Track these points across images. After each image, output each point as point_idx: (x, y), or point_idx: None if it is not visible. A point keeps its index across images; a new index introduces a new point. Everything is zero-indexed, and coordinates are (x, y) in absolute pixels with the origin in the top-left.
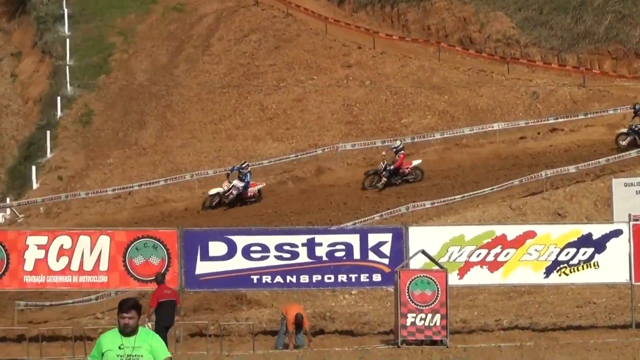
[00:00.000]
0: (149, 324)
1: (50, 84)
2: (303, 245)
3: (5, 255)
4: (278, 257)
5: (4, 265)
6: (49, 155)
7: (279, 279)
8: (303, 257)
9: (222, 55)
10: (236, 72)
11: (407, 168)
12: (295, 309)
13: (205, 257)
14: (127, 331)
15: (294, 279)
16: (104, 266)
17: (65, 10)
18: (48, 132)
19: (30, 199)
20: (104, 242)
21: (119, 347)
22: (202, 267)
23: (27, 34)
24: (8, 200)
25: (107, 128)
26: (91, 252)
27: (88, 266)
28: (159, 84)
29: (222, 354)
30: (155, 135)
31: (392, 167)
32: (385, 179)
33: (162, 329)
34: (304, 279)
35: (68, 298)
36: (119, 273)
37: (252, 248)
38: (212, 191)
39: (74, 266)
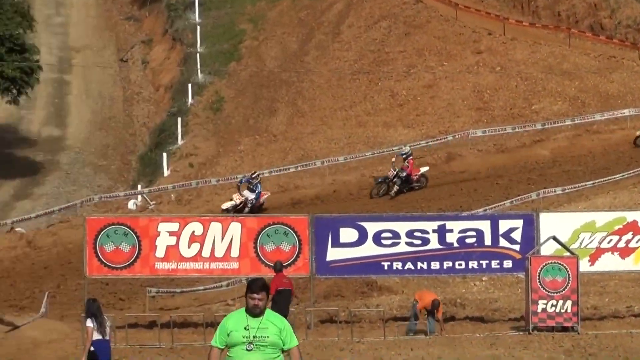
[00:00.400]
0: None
1: (181, 71)
2: (434, 231)
3: (137, 242)
4: (409, 244)
5: (136, 252)
6: (179, 142)
7: (409, 265)
8: (434, 244)
9: (352, 42)
10: (366, 58)
11: (415, 175)
12: (429, 295)
13: (336, 243)
14: (256, 312)
15: (424, 266)
16: (235, 253)
17: None
18: (179, 119)
19: (161, 185)
20: (235, 228)
21: (245, 328)
22: (333, 254)
23: (158, 22)
24: (139, 187)
25: (238, 115)
26: (222, 238)
27: (219, 253)
28: (289, 71)
29: (352, 340)
30: (286, 122)
31: (404, 174)
32: (397, 187)
33: None
34: (435, 265)
35: (199, 285)
36: (249, 259)
37: (383, 234)
38: (225, 205)
39: (205, 253)
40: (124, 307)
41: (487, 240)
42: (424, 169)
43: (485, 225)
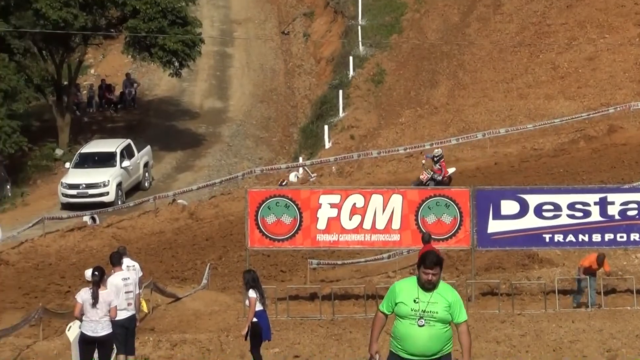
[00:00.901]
0: None
1: (342, 43)
2: (595, 203)
3: (298, 214)
4: (570, 216)
5: (297, 224)
6: (341, 114)
7: (570, 237)
8: (595, 216)
9: (513, 14)
10: (527, 31)
11: (446, 177)
12: (593, 254)
13: (497, 215)
14: (429, 287)
15: (586, 238)
16: (396, 225)
17: None
18: (340, 92)
19: (323, 158)
20: (396, 200)
21: (414, 301)
22: (494, 226)
23: None
24: (301, 159)
25: (399, 87)
26: (383, 210)
27: (380, 225)
28: (450, 43)
29: (513, 313)
30: (447, 94)
31: (440, 177)
32: None
33: None
34: (596, 237)
35: (360, 257)
36: (411, 231)
37: (544, 207)
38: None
39: (367, 225)
40: (285, 279)
41: None
42: (451, 170)
43: None
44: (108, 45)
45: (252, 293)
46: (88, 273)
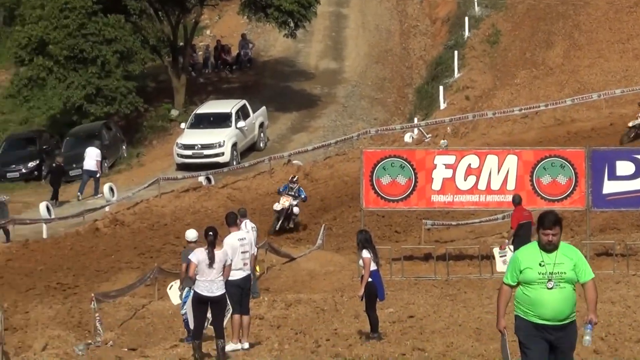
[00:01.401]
0: (510, 247)
1: (457, 4)
2: None
3: (413, 175)
4: None
5: (412, 185)
6: (456, 75)
7: None
8: None
9: None
10: None
11: None
12: None
13: (613, 176)
14: (550, 248)
15: None
16: (511, 185)
17: None
18: (455, 53)
19: (438, 118)
20: (511, 161)
21: (540, 264)
22: (609, 187)
23: None
24: (416, 120)
25: (514, 48)
26: (498, 171)
27: (495, 185)
28: (566, 4)
29: (628, 273)
30: (562, 55)
31: None
32: None
33: None
34: None
35: (474, 217)
36: (526, 192)
37: None
38: (276, 207)
39: (481, 185)
40: (399, 240)
41: None
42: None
43: None
44: (224, 6)
45: (365, 253)
46: (190, 234)
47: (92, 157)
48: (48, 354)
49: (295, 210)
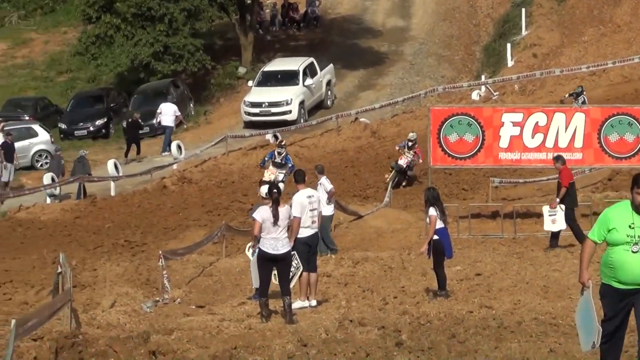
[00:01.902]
0: (561, 206)
1: None
2: None
3: (480, 132)
4: None
5: (480, 142)
6: (523, 32)
7: None
8: None
9: None
10: None
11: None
12: None
13: None
14: None
15: None
16: (578, 143)
17: None
18: (523, 10)
19: (505, 76)
20: (579, 119)
21: (629, 226)
22: None
23: None
24: (483, 77)
25: (582, 5)
26: (566, 129)
27: (563, 143)
28: None
29: None
30: (630, 12)
31: (418, 160)
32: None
33: (571, 211)
34: None
35: (542, 175)
36: (593, 150)
37: None
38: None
39: (549, 143)
40: (466, 197)
41: None
42: (412, 136)
43: None
44: None
45: (432, 211)
46: (264, 189)
47: (169, 113)
48: (116, 311)
49: (281, 186)
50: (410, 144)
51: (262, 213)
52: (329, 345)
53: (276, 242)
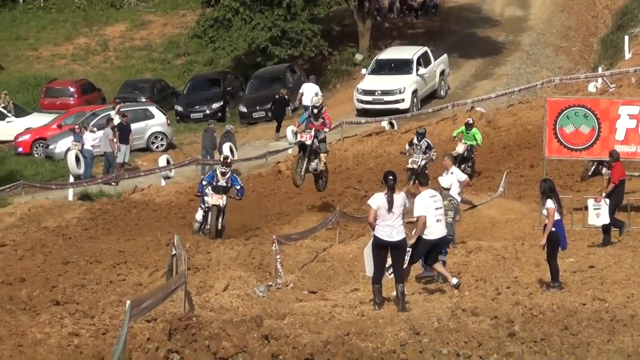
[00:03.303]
0: (606, 200)
1: None
2: None
3: (596, 124)
4: None
5: (595, 134)
6: None
7: None
8: None
9: None
10: None
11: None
12: None
13: None
14: None
15: None
16: None
17: None
18: None
19: (622, 69)
20: None
21: None
22: None
23: None
24: (600, 69)
25: None
26: None
27: None
28: None
29: None
30: None
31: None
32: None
33: (614, 207)
34: None
35: None
36: None
37: None
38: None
39: None
40: (581, 189)
41: None
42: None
43: None
44: None
45: (550, 203)
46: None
47: (310, 94)
48: (229, 295)
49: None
50: (315, 111)
51: (377, 200)
52: (441, 334)
53: (391, 230)
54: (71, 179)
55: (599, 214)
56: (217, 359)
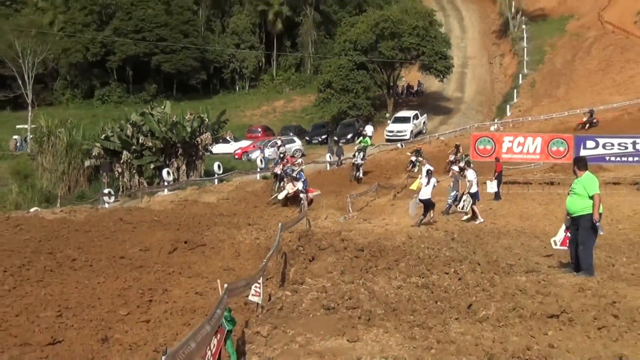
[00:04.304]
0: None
1: None
2: None
3: (494, 145)
4: None
5: (493, 149)
6: None
7: None
8: None
9: None
10: None
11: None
12: None
13: None
14: None
15: None
16: None
17: None
18: None
19: (506, 119)
20: None
21: None
22: None
23: None
24: (496, 120)
25: None
26: None
27: None
28: None
29: None
30: None
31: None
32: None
33: None
34: None
35: None
36: None
37: None
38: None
39: None
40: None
41: None
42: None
43: None
44: (410, 67)
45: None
46: None
47: (369, 130)
48: (327, 220)
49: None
50: (282, 155)
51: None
52: (422, 238)
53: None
54: (258, 169)
55: (491, 186)
56: (319, 249)
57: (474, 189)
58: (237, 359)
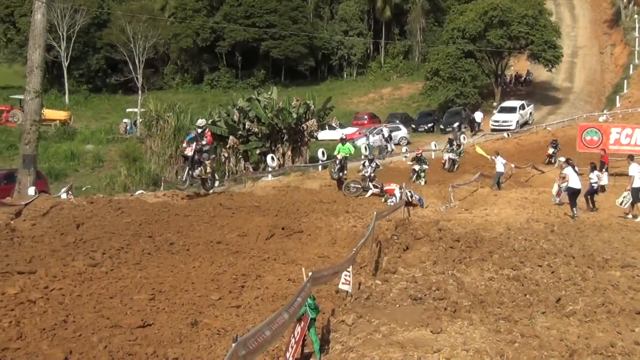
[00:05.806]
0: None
1: None
2: None
3: (600, 136)
4: None
5: (600, 141)
6: None
7: None
8: None
9: None
10: None
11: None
12: None
13: None
14: None
15: None
16: None
17: None
18: None
19: (615, 110)
20: None
21: None
22: None
23: None
24: (605, 111)
25: None
26: None
27: None
28: None
29: None
30: None
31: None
32: None
33: None
34: None
35: None
36: None
37: None
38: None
39: None
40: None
41: None
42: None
43: None
44: (520, 55)
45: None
46: None
47: (479, 116)
48: (427, 210)
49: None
50: (200, 131)
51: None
52: (521, 229)
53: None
54: (362, 157)
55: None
56: (414, 239)
57: (637, 184)
58: (320, 347)
